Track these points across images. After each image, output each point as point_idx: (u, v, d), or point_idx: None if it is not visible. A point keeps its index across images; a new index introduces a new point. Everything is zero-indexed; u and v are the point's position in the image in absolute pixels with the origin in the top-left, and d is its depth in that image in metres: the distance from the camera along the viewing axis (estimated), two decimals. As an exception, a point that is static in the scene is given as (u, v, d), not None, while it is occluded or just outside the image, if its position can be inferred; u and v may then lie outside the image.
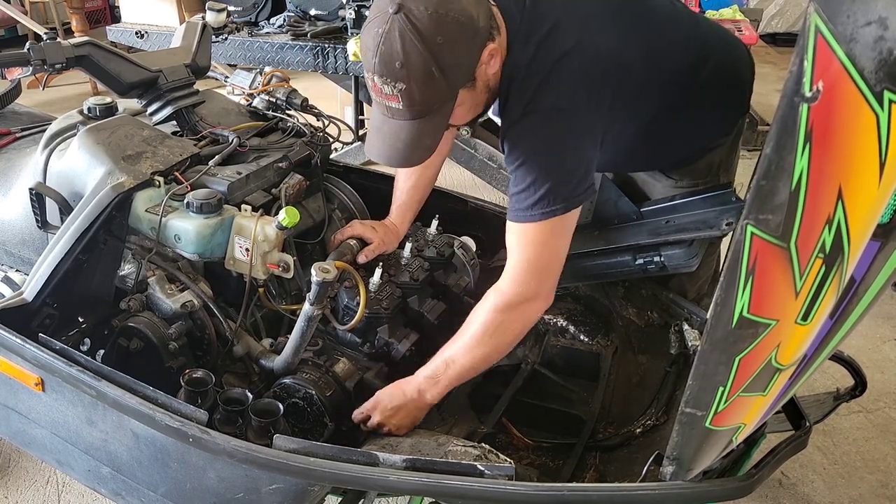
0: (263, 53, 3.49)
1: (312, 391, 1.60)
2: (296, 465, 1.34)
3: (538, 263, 1.49)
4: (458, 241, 2.01)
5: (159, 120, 1.96)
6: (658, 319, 1.92)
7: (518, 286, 1.50)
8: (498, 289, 1.53)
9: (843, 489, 2.27)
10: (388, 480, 1.32)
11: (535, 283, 1.50)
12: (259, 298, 1.76)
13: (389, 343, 1.74)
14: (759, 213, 0.81)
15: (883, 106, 0.71)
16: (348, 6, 3.27)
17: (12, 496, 2.22)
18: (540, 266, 1.50)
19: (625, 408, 1.84)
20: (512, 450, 1.75)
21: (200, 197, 1.66)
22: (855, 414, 2.56)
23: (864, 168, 0.77)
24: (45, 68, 1.71)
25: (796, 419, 1.50)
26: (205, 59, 2.11)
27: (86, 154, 1.70)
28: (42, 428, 1.65)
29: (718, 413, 1.06)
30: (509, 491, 1.28)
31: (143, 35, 3.86)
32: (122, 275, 1.73)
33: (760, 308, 0.90)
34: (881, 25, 0.67)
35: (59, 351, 1.51)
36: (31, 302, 1.62)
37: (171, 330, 1.60)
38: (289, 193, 1.87)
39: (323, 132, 2.10)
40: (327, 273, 1.47)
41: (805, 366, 1.12)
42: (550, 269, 1.51)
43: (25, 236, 1.87)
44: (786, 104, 0.74)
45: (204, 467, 1.43)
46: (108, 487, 1.63)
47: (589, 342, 2.01)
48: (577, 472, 1.63)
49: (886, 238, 0.94)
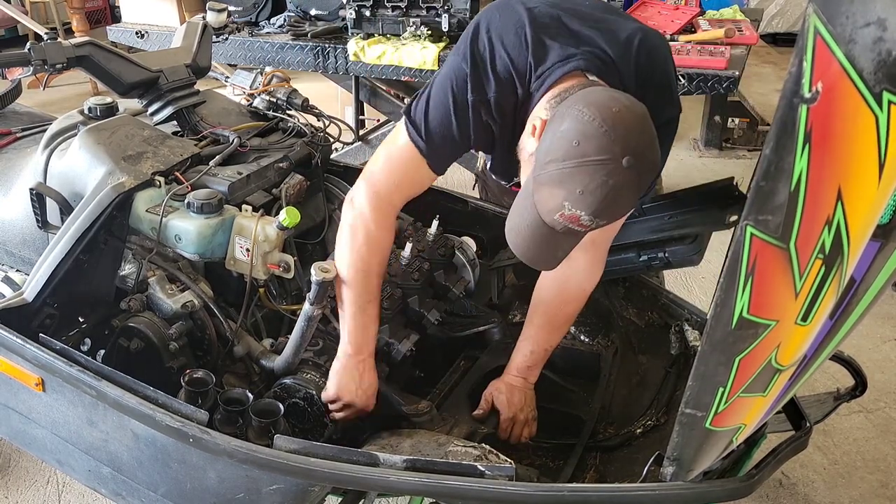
0: (264, 53, 3.48)
1: (313, 391, 1.60)
2: (296, 466, 1.34)
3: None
4: (458, 241, 2.01)
5: (160, 120, 1.96)
6: (658, 320, 1.92)
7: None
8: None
9: (843, 489, 2.27)
10: (389, 481, 1.32)
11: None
12: (259, 298, 1.76)
13: (390, 343, 1.74)
14: (759, 213, 0.81)
15: (882, 107, 0.71)
16: (348, 6, 3.27)
17: (12, 496, 2.22)
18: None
19: (625, 408, 1.84)
20: (512, 450, 1.75)
21: (201, 197, 1.66)
22: (855, 414, 2.56)
23: (863, 169, 0.77)
24: (46, 68, 1.71)
25: (796, 419, 1.49)
26: (205, 59, 2.11)
27: (86, 154, 1.70)
28: (42, 428, 1.65)
29: (718, 414, 1.06)
30: (509, 491, 1.28)
31: (144, 35, 3.85)
32: (122, 275, 1.73)
33: (760, 309, 0.90)
34: (880, 27, 0.67)
35: (59, 351, 1.51)
36: (32, 302, 1.62)
37: (172, 330, 1.60)
38: (289, 193, 1.87)
39: (323, 132, 2.10)
40: (327, 273, 1.48)
41: (805, 366, 1.12)
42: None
43: (26, 236, 1.87)
44: (785, 105, 0.74)
45: (204, 467, 1.44)
46: (108, 487, 1.63)
47: (589, 342, 2.01)
48: (577, 472, 1.62)
49: (886, 238, 0.94)
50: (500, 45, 1.41)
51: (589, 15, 1.47)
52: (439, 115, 1.45)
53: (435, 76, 1.49)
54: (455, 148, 1.51)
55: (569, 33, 1.42)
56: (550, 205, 1.27)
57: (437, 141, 1.47)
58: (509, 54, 1.40)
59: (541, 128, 1.33)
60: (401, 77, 3.32)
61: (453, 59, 1.45)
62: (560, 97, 1.34)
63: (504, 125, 1.45)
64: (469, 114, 1.43)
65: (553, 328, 1.76)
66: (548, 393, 1.85)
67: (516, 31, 1.41)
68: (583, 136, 1.21)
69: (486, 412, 1.75)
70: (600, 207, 1.24)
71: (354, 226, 1.54)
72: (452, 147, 1.50)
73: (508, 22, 1.42)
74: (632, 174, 1.22)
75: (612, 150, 1.20)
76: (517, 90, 1.41)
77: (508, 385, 1.76)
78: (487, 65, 1.41)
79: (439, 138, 1.47)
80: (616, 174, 1.21)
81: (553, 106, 1.34)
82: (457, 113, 1.43)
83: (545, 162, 1.27)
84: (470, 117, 1.43)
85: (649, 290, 1.93)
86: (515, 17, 1.43)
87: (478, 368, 1.87)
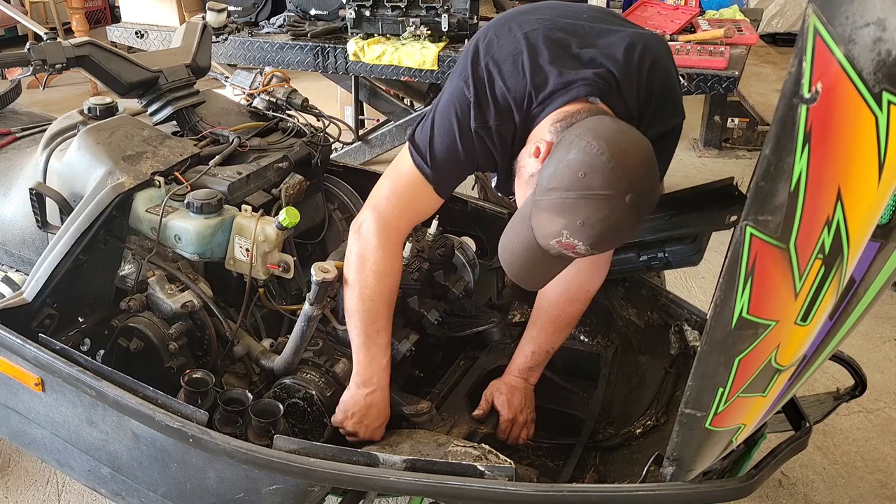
0: (263, 53, 3.49)
1: (313, 391, 1.60)
2: (296, 466, 1.34)
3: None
4: (458, 241, 2.01)
5: (159, 120, 1.96)
6: (658, 320, 1.92)
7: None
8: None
9: (843, 489, 2.27)
10: (388, 481, 1.32)
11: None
12: (259, 299, 1.76)
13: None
14: (759, 213, 0.81)
15: (882, 107, 0.71)
16: (348, 6, 3.27)
17: (12, 496, 2.22)
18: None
19: (625, 408, 1.84)
20: (512, 450, 1.75)
21: (201, 197, 1.66)
22: (855, 414, 2.56)
23: (863, 169, 0.77)
24: (46, 68, 1.71)
25: (796, 419, 1.50)
26: (205, 59, 2.11)
27: (86, 154, 1.70)
28: (42, 428, 1.65)
29: (718, 414, 1.06)
30: (509, 491, 1.28)
31: (143, 35, 3.86)
32: (122, 275, 1.73)
33: (760, 309, 0.90)
34: (879, 27, 0.67)
35: (59, 351, 1.51)
36: (32, 302, 1.62)
37: (172, 330, 1.60)
38: (289, 193, 1.87)
39: (323, 132, 2.10)
40: (327, 273, 1.48)
41: (805, 366, 1.12)
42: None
43: (25, 236, 1.87)
44: (785, 105, 0.74)
45: (204, 468, 1.44)
46: (108, 488, 1.63)
47: (589, 342, 2.01)
48: (577, 472, 1.63)
49: (886, 239, 0.94)
50: (497, 75, 1.41)
51: (588, 30, 1.46)
52: (445, 142, 1.45)
53: (437, 101, 1.49)
54: (461, 172, 1.52)
55: (568, 56, 1.41)
56: (548, 231, 1.28)
57: (442, 167, 1.47)
58: (507, 84, 1.40)
59: (545, 151, 1.33)
60: (400, 77, 3.32)
61: (456, 85, 1.45)
62: (566, 121, 1.34)
63: (504, 151, 1.46)
64: (473, 139, 1.43)
65: (556, 329, 1.76)
66: (548, 393, 1.86)
67: (514, 59, 1.41)
68: (589, 169, 1.22)
69: (486, 412, 1.75)
70: (598, 240, 1.26)
71: (362, 255, 1.53)
72: (458, 171, 1.51)
73: (506, 50, 1.42)
74: (633, 212, 1.23)
75: (618, 186, 1.21)
76: (515, 119, 1.41)
77: (509, 386, 1.76)
78: (487, 93, 1.41)
79: (445, 164, 1.46)
80: (618, 210, 1.22)
81: (558, 130, 1.33)
82: (462, 139, 1.43)
83: (548, 188, 1.27)
84: (474, 143, 1.43)
85: (649, 290, 1.93)
86: (512, 44, 1.42)
87: (477, 368, 1.87)
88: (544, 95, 1.38)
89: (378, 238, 1.51)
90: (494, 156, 1.46)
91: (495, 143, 1.44)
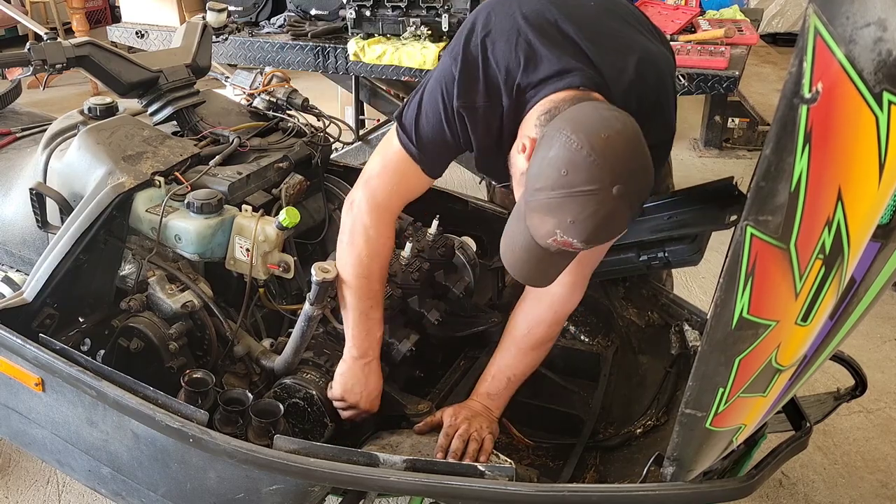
0: (264, 53, 3.48)
1: (313, 391, 1.60)
2: (296, 466, 1.34)
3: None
4: (458, 241, 2.01)
5: (160, 120, 1.96)
6: (658, 320, 1.92)
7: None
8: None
9: (843, 489, 2.27)
10: (388, 481, 1.32)
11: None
12: (259, 299, 1.76)
13: (390, 343, 1.74)
14: (759, 214, 0.81)
15: (882, 107, 0.71)
16: (348, 6, 3.27)
17: (12, 496, 2.22)
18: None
19: (625, 408, 1.84)
20: (512, 450, 1.75)
21: (201, 197, 1.66)
22: (855, 414, 2.56)
23: (863, 169, 0.77)
24: (46, 68, 1.71)
25: (797, 419, 1.49)
26: (205, 59, 2.11)
27: (86, 154, 1.70)
28: (42, 428, 1.65)
29: (719, 414, 1.06)
30: (509, 491, 1.28)
31: (144, 35, 3.86)
32: (122, 275, 1.73)
33: (760, 309, 0.90)
34: (880, 27, 0.67)
35: (59, 351, 1.51)
36: (32, 302, 1.62)
37: (172, 330, 1.61)
38: (289, 193, 1.87)
39: (323, 132, 2.10)
40: (327, 273, 1.48)
41: (805, 366, 1.12)
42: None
43: (26, 236, 1.87)
44: (785, 105, 0.74)
45: (204, 468, 1.44)
46: (108, 488, 1.63)
47: (589, 342, 2.01)
48: (577, 472, 1.62)
49: (886, 239, 0.94)
50: (490, 52, 1.37)
51: (591, 21, 1.41)
52: (431, 121, 1.43)
53: (426, 79, 1.47)
54: (448, 152, 1.50)
55: (565, 43, 1.36)
56: (542, 231, 1.26)
57: (428, 147, 1.45)
58: (499, 62, 1.36)
59: (530, 148, 1.30)
60: (401, 77, 3.31)
61: (445, 62, 1.42)
62: (550, 113, 1.30)
63: (489, 131, 1.42)
64: (458, 118, 1.40)
65: (519, 352, 1.65)
66: (548, 393, 1.85)
67: (508, 38, 1.36)
68: (570, 166, 1.18)
69: (429, 426, 1.61)
70: (592, 235, 1.23)
71: (354, 230, 1.54)
72: (445, 151, 1.49)
73: (502, 27, 1.38)
74: (623, 202, 1.19)
75: (602, 179, 1.17)
76: (503, 100, 1.37)
77: (463, 404, 1.64)
78: (479, 71, 1.37)
79: (431, 144, 1.45)
80: (607, 204, 1.19)
81: (542, 123, 1.30)
82: (447, 118, 1.41)
83: (534, 189, 1.24)
84: (459, 121, 1.41)
85: (649, 290, 1.93)
86: (509, 22, 1.38)
87: (478, 368, 1.87)
88: (536, 80, 1.34)
89: (370, 215, 1.52)
90: (479, 134, 1.42)
91: (479, 122, 1.40)
